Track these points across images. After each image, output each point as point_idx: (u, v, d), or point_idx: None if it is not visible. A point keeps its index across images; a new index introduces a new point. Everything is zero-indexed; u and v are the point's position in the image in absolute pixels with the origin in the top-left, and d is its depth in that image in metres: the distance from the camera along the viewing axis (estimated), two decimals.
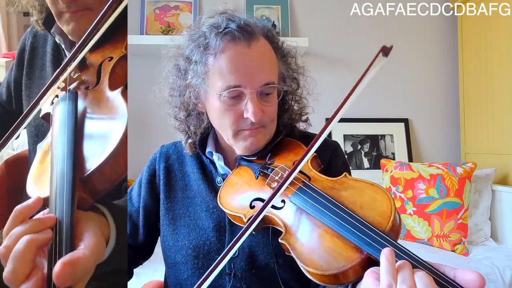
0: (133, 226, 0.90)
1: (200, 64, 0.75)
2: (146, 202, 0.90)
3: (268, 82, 0.74)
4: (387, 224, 0.54)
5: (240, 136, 0.77)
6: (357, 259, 0.52)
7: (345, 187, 0.64)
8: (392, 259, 0.47)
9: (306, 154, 0.63)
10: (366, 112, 2.48)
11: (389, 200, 0.57)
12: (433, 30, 2.60)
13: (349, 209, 0.57)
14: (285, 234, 0.61)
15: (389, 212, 0.55)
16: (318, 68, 2.48)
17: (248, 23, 0.74)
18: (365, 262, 0.51)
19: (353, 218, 0.55)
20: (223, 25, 0.73)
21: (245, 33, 0.72)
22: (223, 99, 0.73)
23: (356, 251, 0.52)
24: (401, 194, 2.01)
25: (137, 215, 0.90)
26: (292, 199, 0.64)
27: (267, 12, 2.46)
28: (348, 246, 0.53)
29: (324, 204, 0.59)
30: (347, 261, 0.52)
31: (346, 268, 0.51)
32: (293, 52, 0.86)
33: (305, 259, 0.56)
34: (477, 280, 0.44)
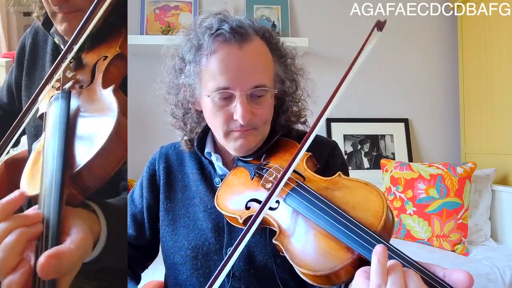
0: (138, 227, 0.90)
1: (194, 64, 0.76)
2: (149, 202, 0.90)
3: (258, 84, 0.74)
4: (378, 224, 0.54)
5: (231, 137, 0.77)
6: (349, 259, 0.52)
7: (338, 187, 0.64)
8: (384, 259, 0.47)
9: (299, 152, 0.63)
10: (366, 112, 2.49)
11: (381, 199, 0.57)
12: (433, 30, 2.60)
13: (342, 209, 0.58)
14: (279, 235, 0.61)
15: (381, 212, 0.55)
16: (318, 68, 2.48)
17: (241, 25, 0.74)
18: (356, 262, 0.52)
19: (345, 218, 0.55)
20: (216, 26, 0.73)
21: (236, 34, 0.72)
22: (214, 100, 0.74)
23: (347, 252, 0.53)
24: (401, 194, 2.01)
25: (142, 216, 0.90)
26: (286, 200, 0.64)
27: (267, 12, 2.46)
28: (339, 246, 0.54)
29: (317, 205, 0.59)
30: (339, 261, 0.52)
31: (338, 269, 0.52)
32: (292, 53, 0.85)
33: (297, 260, 0.56)
34: (465, 279, 0.45)
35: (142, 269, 0.94)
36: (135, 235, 0.89)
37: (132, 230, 0.89)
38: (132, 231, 0.89)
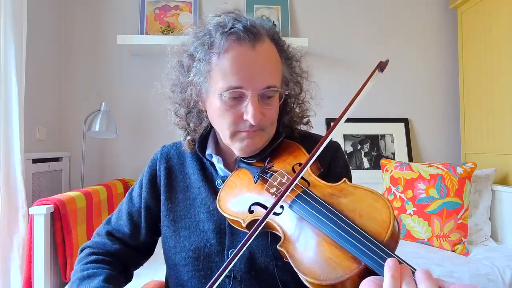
0: (134, 226, 0.90)
1: (204, 62, 0.74)
2: (147, 202, 0.89)
3: (270, 85, 0.73)
4: (385, 234, 0.53)
5: (237, 137, 0.76)
6: (355, 269, 0.51)
7: (344, 193, 0.63)
8: (397, 275, 0.45)
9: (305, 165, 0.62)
10: (366, 112, 2.49)
11: (388, 209, 0.56)
12: (433, 30, 2.60)
13: (349, 217, 0.57)
14: (284, 241, 0.61)
15: (388, 222, 0.55)
16: (318, 68, 2.48)
17: (255, 25, 0.73)
18: (363, 273, 0.51)
19: (352, 228, 0.54)
20: (229, 25, 0.72)
21: (250, 34, 0.71)
22: (224, 99, 0.73)
23: (354, 261, 0.52)
24: (401, 194, 2.01)
25: (138, 215, 0.90)
26: (291, 206, 0.63)
27: (267, 12, 2.46)
28: (346, 256, 0.53)
29: (323, 213, 0.58)
30: (345, 271, 0.52)
31: (344, 279, 0.51)
32: (298, 56, 0.85)
33: (303, 268, 0.55)
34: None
35: (135, 267, 0.93)
36: (129, 233, 0.89)
37: (127, 228, 0.89)
38: (127, 229, 0.89)
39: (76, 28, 2.38)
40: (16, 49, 1.67)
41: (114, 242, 0.88)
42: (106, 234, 0.90)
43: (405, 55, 2.57)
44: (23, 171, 1.69)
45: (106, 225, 0.92)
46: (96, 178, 2.36)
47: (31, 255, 1.46)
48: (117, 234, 0.90)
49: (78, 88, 2.38)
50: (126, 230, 0.89)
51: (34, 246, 1.45)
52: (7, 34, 1.65)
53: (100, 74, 2.39)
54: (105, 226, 0.92)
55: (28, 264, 1.47)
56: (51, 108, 2.25)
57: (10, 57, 1.66)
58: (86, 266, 0.82)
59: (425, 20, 2.60)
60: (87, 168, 2.27)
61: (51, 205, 1.48)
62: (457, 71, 2.57)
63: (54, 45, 2.28)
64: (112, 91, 2.39)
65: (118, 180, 2.15)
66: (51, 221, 1.49)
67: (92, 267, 0.81)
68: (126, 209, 0.91)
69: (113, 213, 0.95)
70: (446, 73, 2.60)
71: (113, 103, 2.33)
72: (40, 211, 1.45)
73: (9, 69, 1.66)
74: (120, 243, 0.88)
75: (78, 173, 2.29)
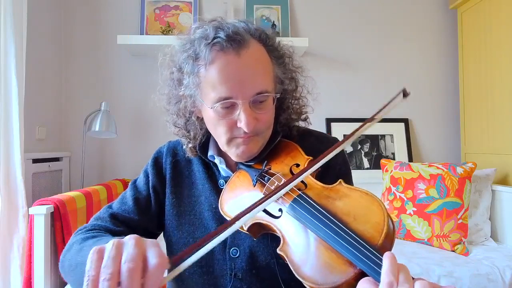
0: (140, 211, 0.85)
1: (192, 76, 0.75)
2: (156, 189, 0.88)
3: (260, 91, 0.73)
4: (379, 237, 0.54)
5: (233, 143, 0.77)
6: (351, 273, 0.52)
7: (340, 196, 0.64)
8: (395, 261, 0.47)
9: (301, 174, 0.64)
10: (366, 112, 2.48)
11: (382, 211, 0.57)
12: (433, 30, 2.60)
13: (343, 221, 0.58)
14: (283, 245, 0.62)
15: (382, 224, 0.56)
16: (318, 68, 2.48)
17: (237, 31, 0.73)
18: (359, 276, 0.52)
19: (346, 233, 0.55)
20: (211, 35, 0.72)
21: (233, 42, 0.71)
22: (216, 110, 0.73)
23: (350, 265, 0.53)
24: (401, 194, 2.01)
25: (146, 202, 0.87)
26: (289, 210, 0.64)
27: (267, 12, 2.46)
28: (342, 260, 0.54)
29: (318, 218, 0.59)
30: (342, 275, 0.53)
31: (341, 283, 0.52)
32: (290, 51, 0.85)
33: (301, 272, 0.57)
34: None
35: None
36: (137, 218, 0.85)
37: (133, 214, 0.85)
38: (134, 214, 0.85)
39: (76, 28, 2.38)
40: (16, 49, 1.68)
41: (118, 226, 0.83)
42: (110, 217, 0.84)
43: (405, 55, 2.57)
44: (23, 171, 1.69)
45: (108, 209, 0.87)
46: (96, 178, 2.36)
47: (31, 255, 1.46)
48: (122, 217, 0.84)
49: (78, 88, 2.38)
50: (132, 215, 0.85)
51: (34, 246, 1.45)
52: (7, 34, 1.66)
53: (100, 74, 2.40)
54: (107, 210, 0.86)
55: (28, 264, 1.47)
56: (51, 108, 2.25)
57: (10, 57, 1.66)
58: (85, 235, 0.76)
59: (425, 20, 2.60)
60: (87, 168, 2.27)
61: (51, 205, 1.49)
62: (457, 71, 2.57)
63: (54, 45, 2.28)
64: (112, 91, 2.39)
65: (118, 180, 2.15)
66: (51, 221, 1.50)
67: (93, 233, 0.76)
68: (131, 195, 0.88)
69: (112, 202, 0.90)
70: (446, 73, 2.60)
71: (113, 103, 2.33)
72: (40, 211, 1.45)
73: (9, 69, 1.66)
74: (125, 227, 0.83)
75: (78, 173, 2.29)
